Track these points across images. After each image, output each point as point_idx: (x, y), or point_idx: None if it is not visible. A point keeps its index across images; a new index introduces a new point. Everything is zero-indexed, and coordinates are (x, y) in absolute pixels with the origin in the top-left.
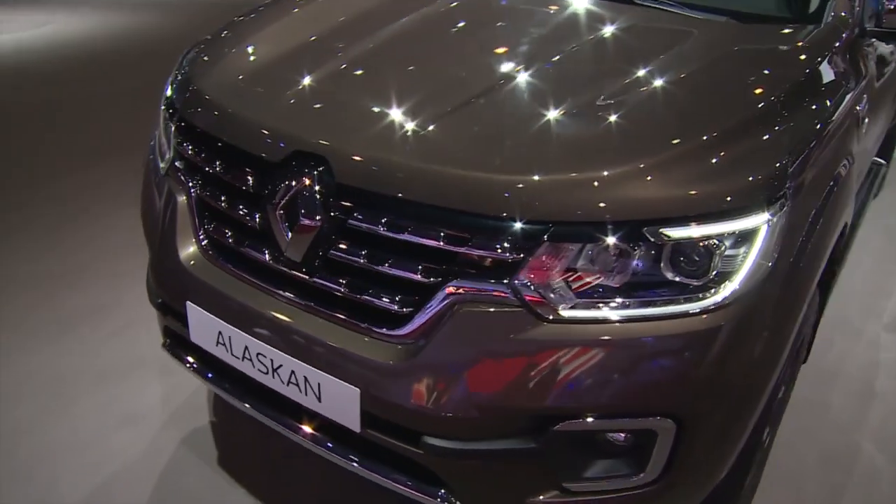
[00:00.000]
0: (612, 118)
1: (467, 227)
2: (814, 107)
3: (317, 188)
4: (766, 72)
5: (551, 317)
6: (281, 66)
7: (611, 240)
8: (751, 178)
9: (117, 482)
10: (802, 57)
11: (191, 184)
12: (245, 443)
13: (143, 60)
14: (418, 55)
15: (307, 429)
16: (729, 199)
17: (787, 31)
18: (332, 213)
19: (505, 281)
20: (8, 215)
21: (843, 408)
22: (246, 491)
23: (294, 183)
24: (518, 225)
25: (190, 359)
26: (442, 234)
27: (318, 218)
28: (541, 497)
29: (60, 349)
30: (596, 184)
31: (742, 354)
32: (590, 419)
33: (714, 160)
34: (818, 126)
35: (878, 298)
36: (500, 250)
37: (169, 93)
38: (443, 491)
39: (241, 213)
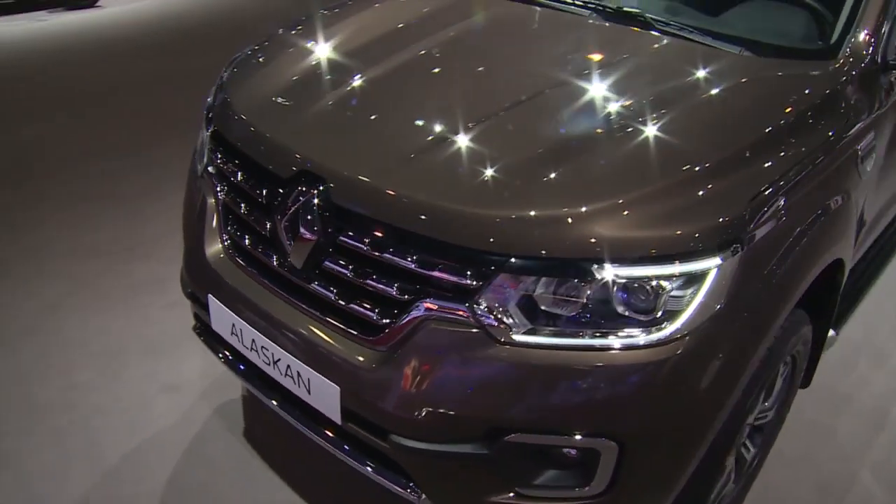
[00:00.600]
0: (583, 157)
1: (436, 252)
2: (795, 146)
3: (316, 205)
4: (756, 110)
5: (504, 340)
6: (305, 84)
7: (562, 274)
8: (703, 225)
9: (151, 445)
10: (800, 94)
11: (218, 188)
12: (269, 419)
13: (234, 35)
14: (425, 83)
15: (301, 415)
16: (677, 244)
17: (796, 65)
18: (327, 229)
19: (466, 304)
20: (92, 183)
21: (850, 434)
22: (265, 464)
23: (298, 198)
24: (479, 255)
25: (226, 352)
26: (415, 257)
27: (315, 231)
28: (497, 498)
29: (118, 316)
30: (550, 223)
31: (686, 388)
32: (537, 434)
33: (670, 205)
34: (797, 165)
35: None
36: (462, 276)
37: (210, 100)
38: (412, 484)
39: (255, 220)
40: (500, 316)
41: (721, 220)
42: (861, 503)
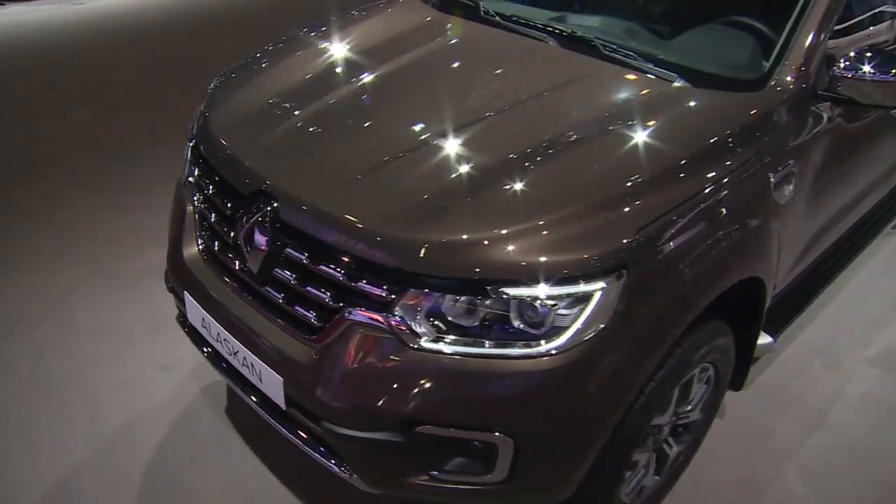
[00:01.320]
0: (491, 188)
1: (359, 267)
2: (701, 175)
3: (268, 220)
4: (670, 140)
5: (413, 345)
6: (275, 106)
7: (463, 292)
8: (590, 252)
9: (143, 419)
10: (717, 124)
11: (195, 197)
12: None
13: (266, 20)
14: (376, 108)
15: (257, 399)
16: (565, 268)
17: (722, 95)
18: (277, 242)
19: (384, 313)
20: (113, 174)
21: (786, 436)
22: (242, 439)
23: (254, 212)
24: (392, 271)
25: (208, 349)
26: (342, 270)
27: (268, 242)
28: (414, 480)
29: (128, 300)
30: (453, 247)
31: (571, 394)
32: (443, 427)
33: (563, 234)
34: (700, 194)
35: (870, 329)
36: (380, 289)
37: (197, 115)
38: (344, 464)
39: (221, 228)
40: (410, 325)
41: (607, 248)
42: (781, 500)
